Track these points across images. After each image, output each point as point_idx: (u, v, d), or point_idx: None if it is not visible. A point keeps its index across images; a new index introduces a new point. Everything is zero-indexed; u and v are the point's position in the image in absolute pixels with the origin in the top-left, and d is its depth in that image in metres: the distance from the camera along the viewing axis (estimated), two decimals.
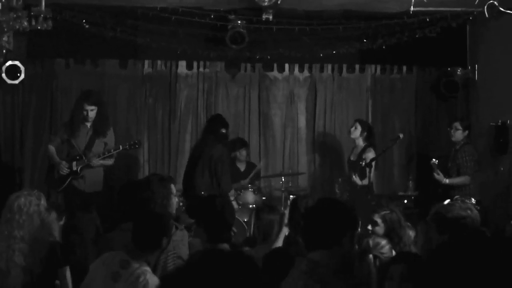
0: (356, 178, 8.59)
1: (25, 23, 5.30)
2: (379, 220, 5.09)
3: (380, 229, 5.06)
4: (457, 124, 8.51)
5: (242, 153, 9.57)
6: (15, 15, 5.23)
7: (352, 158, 8.97)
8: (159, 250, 4.35)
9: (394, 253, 4.81)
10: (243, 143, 9.66)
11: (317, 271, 3.39)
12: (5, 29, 5.35)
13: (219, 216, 4.65)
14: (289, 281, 3.52)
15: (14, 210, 4.86)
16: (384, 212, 5.12)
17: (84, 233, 5.73)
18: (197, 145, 8.80)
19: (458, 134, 8.46)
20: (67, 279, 4.98)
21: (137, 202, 4.94)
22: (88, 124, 8.16)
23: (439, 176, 8.20)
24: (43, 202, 5.02)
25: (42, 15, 5.31)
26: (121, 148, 8.08)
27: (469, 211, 4.44)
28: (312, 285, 3.34)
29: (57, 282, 4.96)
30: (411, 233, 5.23)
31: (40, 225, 4.94)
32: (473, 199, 5.35)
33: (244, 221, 8.71)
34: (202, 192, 7.93)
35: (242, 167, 9.63)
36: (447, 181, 8.23)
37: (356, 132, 8.85)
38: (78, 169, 8.04)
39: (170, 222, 4.58)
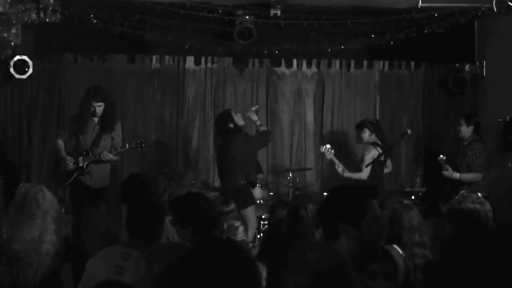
0: (338, 168, 8.48)
1: (34, 16, 5.34)
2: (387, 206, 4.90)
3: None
4: (462, 120, 8.48)
5: None
6: (23, 8, 5.26)
7: None
8: (155, 238, 4.37)
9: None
10: None
11: None
12: (14, 21, 5.38)
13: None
14: None
15: (48, 205, 4.82)
16: (398, 204, 4.85)
17: (94, 228, 5.72)
18: (219, 149, 8.28)
19: (463, 129, 8.40)
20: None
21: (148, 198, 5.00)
22: (96, 120, 8.10)
23: (448, 171, 8.03)
24: None
25: (50, 8, 5.34)
26: (127, 147, 8.03)
27: (481, 205, 4.40)
28: None
29: None
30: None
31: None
32: (480, 195, 5.29)
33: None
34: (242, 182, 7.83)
35: None
36: (457, 175, 8.05)
37: (365, 135, 8.63)
38: (85, 165, 7.99)
39: (162, 210, 4.59)
